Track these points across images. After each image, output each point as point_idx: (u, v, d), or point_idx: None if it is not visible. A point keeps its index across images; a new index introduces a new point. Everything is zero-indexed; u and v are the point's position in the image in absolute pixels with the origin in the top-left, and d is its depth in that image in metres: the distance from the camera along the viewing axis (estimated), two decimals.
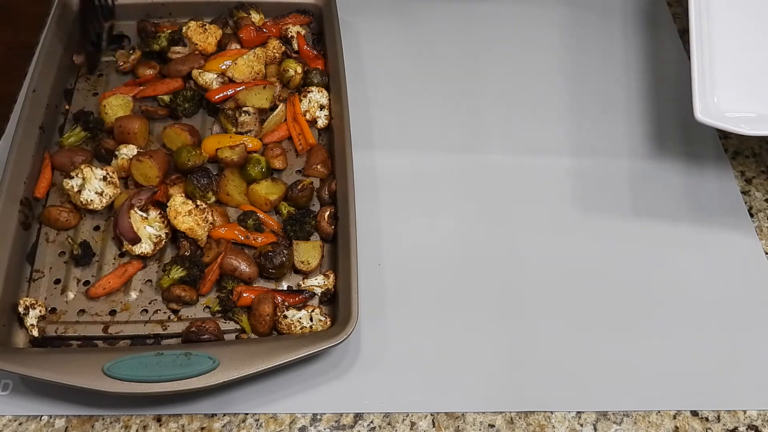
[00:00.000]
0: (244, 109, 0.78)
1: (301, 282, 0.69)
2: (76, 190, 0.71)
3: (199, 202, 0.69)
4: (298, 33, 0.86)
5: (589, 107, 0.87)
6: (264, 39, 0.86)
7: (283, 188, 0.73)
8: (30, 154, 0.73)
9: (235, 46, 0.85)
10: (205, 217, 0.69)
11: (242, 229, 0.70)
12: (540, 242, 0.75)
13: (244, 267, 0.68)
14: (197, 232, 0.68)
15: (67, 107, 0.82)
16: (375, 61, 0.90)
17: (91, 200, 0.71)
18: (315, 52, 0.85)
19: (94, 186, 0.71)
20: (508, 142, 0.83)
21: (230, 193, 0.73)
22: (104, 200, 0.71)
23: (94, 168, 0.71)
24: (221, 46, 0.85)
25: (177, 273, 0.66)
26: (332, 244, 0.71)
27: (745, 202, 0.79)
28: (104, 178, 0.71)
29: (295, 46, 0.86)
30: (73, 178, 0.71)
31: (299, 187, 0.73)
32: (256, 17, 0.88)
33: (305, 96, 0.80)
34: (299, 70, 0.82)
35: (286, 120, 0.79)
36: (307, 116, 0.79)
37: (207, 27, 0.85)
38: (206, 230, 0.69)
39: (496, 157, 0.82)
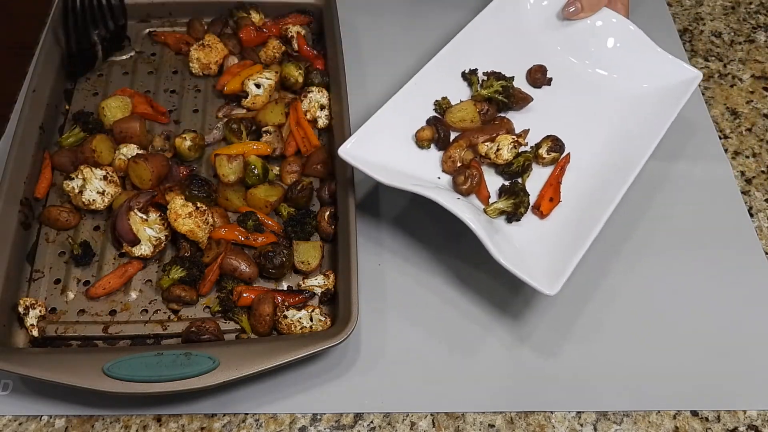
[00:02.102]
0: (265, 129, 0.78)
1: (301, 282, 0.69)
2: (77, 191, 0.71)
3: (199, 204, 0.69)
4: (298, 33, 0.86)
5: None
6: (264, 39, 0.86)
7: (281, 190, 0.73)
8: (30, 154, 0.73)
9: (233, 60, 0.84)
10: (206, 219, 0.69)
11: (242, 229, 0.70)
12: None
13: (244, 267, 0.68)
14: (198, 234, 0.68)
15: (67, 107, 0.82)
16: (375, 61, 0.90)
17: (94, 200, 0.71)
18: (315, 52, 0.85)
19: (95, 186, 0.71)
20: None
21: (229, 198, 0.73)
22: (106, 199, 0.71)
23: (93, 168, 0.71)
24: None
25: (177, 273, 0.66)
26: (332, 244, 0.71)
27: (745, 202, 0.79)
28: (104, 177, 0.71)
29: (295, 46, 0.86)
30: (73, 179, 0.71)
31: (299, 187, 0.73)
32: (256, 17, 0.88)
33: (305, 96, 0.79)
34: (300, 79, 0.81)
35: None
36: (308, 116, 0.79)
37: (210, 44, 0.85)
38: (207, 232, 0.69)
39: None
